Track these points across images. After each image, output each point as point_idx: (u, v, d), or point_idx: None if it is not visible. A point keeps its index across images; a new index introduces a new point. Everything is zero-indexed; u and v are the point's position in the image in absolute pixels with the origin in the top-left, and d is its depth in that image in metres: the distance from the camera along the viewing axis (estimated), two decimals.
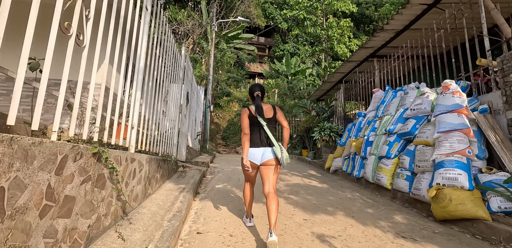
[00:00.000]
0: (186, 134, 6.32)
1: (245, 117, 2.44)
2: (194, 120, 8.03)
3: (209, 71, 11.47)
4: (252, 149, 2.38)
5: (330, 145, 8.08)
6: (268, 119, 2.41)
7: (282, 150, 2.31)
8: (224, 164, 7.87)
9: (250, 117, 2.42)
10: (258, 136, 2.40)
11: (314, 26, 15.28)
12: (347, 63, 8.00)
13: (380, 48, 6.92)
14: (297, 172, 6.23)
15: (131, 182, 2.48)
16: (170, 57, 4.29)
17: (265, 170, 2.36)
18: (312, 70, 21.02)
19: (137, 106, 2.86)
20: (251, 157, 2.37)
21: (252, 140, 2.41)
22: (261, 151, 2.36)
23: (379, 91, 5.34)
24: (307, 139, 8.90)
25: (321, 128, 8.29)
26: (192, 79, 6.84)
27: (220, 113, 20.05)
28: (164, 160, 3.77)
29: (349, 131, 5.64)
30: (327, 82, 9.71)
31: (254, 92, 2.50)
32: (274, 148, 2.32)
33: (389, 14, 25.53)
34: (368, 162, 4.42)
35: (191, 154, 6.91)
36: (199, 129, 9.46)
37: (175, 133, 5.07)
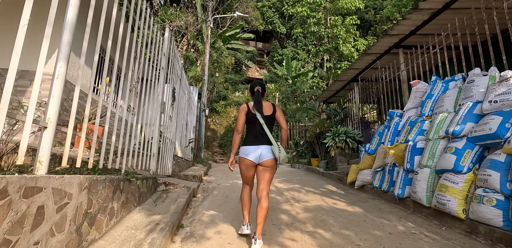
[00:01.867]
0: (173, 140, 5.06)
1: (242, 114, 2.38)
2: (185, 125, 6.77)
3: (204, 72, 10.26)
4: (249, 146, 2.28)
5: (346, 152, 6.85)
6: (266, 116, 2.33)
7: (280, 149, 2.25)
8: (221, 176, 6.58)
9: (248, 115, 2.36)
10: (255, 133, 2.30)
11: (318, 24, 14.24)
12: (365, 57, 6.84)
13: (408, 36, 5.78)
14: (312, 187, 4.97)
15: (31, 234, 1.22)
16: (144, 35, 3.07)
17: (262, 170, 2.27)
18: (315, 72, 19.94)
19: (57, 88, 1.61)
20: (247, 154, 2.27)
21: (248, 137, 2.33)
22: (258, 149, 2.25)
23: (420, 83, 4.15)
24: (318, 145, 7.66)
25: (334, 133, 7.07)
26: (181, 74, 5.61)
27: (217, 119, 18.79)
28: (128, 179, 2.50)
29: (381, 135, 4.42)
30: (338, 80, 8.54)
31: (255, 87, 2.44)
32: (272, 146, 2.25)
33: (391, 16, 24.85)
34: (419, 177, 3.19)
35: (180, 165, 5.63)
36: (192, 136, 8.19)
37: (155, 140, 3.80)
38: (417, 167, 3.32)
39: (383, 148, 4.13)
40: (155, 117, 3.85)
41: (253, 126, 2.33)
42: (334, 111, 7.99)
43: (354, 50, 14.20)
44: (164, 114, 4.14)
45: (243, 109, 2.38)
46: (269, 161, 2.23)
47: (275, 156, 2.22)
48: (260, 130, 2.29)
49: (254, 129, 2.32)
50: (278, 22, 27.49)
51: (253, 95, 2.48)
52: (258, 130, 2.30)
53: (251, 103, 2.40)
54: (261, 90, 2.46)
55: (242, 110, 2.39)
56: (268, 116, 2.34)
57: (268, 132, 2.27)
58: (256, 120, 2.30)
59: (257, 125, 2.30)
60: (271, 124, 2.37)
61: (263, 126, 2.27)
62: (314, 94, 15.60)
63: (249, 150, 2.26)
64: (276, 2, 28.59)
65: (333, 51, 14.36)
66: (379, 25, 28.04)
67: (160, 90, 3.91)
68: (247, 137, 2.34)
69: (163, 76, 3.99)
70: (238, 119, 2.40)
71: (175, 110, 5.23)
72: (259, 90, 2.42)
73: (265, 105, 2.38)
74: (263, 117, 2.30)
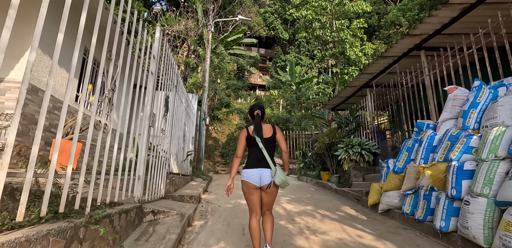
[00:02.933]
0: (167, 156, 4.43)
1: (242, 139, 2.41)
2: (182, 137, 6.15)
3: (205, 78, 9.69)
4: (250, 170, 2.30)
5: (361, 166, 6.15)
6: (266, 139, 2.35)
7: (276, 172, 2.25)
8: (222, 193, 5.91)
9: (248, 139, 2.39)
10: (255, 157, 2.32)
11: (323, 28, 13.66)
12: (380, 60, 6.20)
13: (432, 36, 5.15)
14: (327, 210, 4.28)
15: None
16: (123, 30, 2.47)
17: (263, 194, 2.31)
18: (319, 78, 19.32)
19: None
20: (249, 178, 2.28)
21: (250, 161, 2.35)
22: (259, 172, 2.27)
23: (458, 89, 3.49)
24: (329, 158, 6.97)
25: (347, 144, 6.39)
26: (177, 80, 5.01)
27: (219, 126, 18.17)
28: (96, 221, 1.85)
29: (410, 150, 3.73)
30: (349, 86, 7.89)
31: (254, 111, 2.46)
32: (271, 169, 2.26)
33: (396, 20, 24.30)
34: (472, 208, 2.50)
35: (176, 183, 4.98)
36: (191, 147, 7.56)
37: (141, 159, 3.17)
38: (467, 195, 2.63)
39: (414, 167, 3.44)
40: (142, 132, 3.23)
41: (254, 150, 2.35)
42: (345, 120, 7.31)
43: (361, 54, 13.56)
44: (154, 127, 3.52)
45: (243, 134, 2.42)
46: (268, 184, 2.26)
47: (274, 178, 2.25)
48: (260, 153, 2.31)
49: (254, 153, 2.34)
50: (280, 28, 27.09)
51: (253, 119, 2.47)
52: (259, 153, 2.31)
53: (251, 128, 2.41)
54: (261, 113, 2.44)
55: (242, 134, 2.43)
56: (268, 138, 2.35)
57: (267, 156, 2.29)
58: (257, 144, 2.31)
59: (257, 148, 2.32)
60: (272, 146, 2.39)
61: (262, 150, 2.29)
62: (320, 101, 14.93)
63: (251, 173, 2.28)
64: (278, 8, 28.27)
65: (340, 56, 13.75)
66: (383, 30, 27.52)
67: (148, 100, 3.29)
68: (249, 160, 2.36)
69: (152, 83, 3.38)
70: (238, 143, 2.42)
71: (169, 121, 4.61)
72: (259, 114, 2.42)
73: (265, 128, 2.39)
74: (263, 140, 2.31)
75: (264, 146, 2.29)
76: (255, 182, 2.26)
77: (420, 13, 21.58)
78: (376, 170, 6.16)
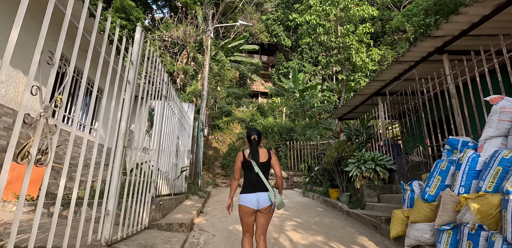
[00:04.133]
0: (154, 178, 3.80)
1: (238, 163, 2.48)
2: (175, 152, 5.53)
3: (203, 86, 9.12)
4: (247, 194, 2.34)
5: (375, 185, 5.46)
6: (262, 163, 2.40)
7: (276, 195, 2.32)
8: (219, 214, 5.26)
9: (244, 163, 2.43)
10: (252, 181, 2.36)
11: (327, 34, 13.11)
12: (395, 66, 5.57)
13: (457, 38, 4.52)
14: (341, 243, 3.59)
15: None
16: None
17: (259, 216, 2.37)
18: (323, 85, 18.70)
19: None
20: (246, 202, 2.32)
21: (246, 185, 2.39)
22: (256, 196, 2.33)
23: (504, 99, 2.84)
24: (338, 174, 6.29)
25: (359, 159, 5.72)
26: (167, 90, 4.42)
27: (220, 136, 17.56)
28: None
29: (444, 173, 3.05)
30: (358, 94, 7.25)
31: (251, 135, 2.50)
32: (269, 193, 2.32)
33: (401, 26, 23.79)
34: None
35: (164, 208, 4.33)
36: (186, 162, 6.93)
37: (113, 190, 2.55)
38: None
39: (452, 196, 2.77)
40: (115, 154, 2.61)
41: (249, 174, 2.40)
42: (355, 132, 6.65)
43: (368, 60, 12.94)
44: (132, 148, 2.91)
45: (239, 158, 2.49)
46: (266, 207, 2.32)
47: (271, 202, 2.30)
48: (256, 177, 2.36)
49: (251, 177, 2.39)
50: (283, 35, 26.71)
51: (250, 143, 2.50)
52: (255, 177, 2.37)
53: (246, 151, 2.47)
54: (257, 138, 2.50)
55: (238, 159, 2.49)
56: (264, 163, 2.42)
57: (264, 179, 2.35)
58: (252, 168, 2.37)
59: (253, 172, 2.37)
60: (267, 169, 2.45)
61: (258, 173, 2.35)
62: (326, 109, 14.26)
63: (248, 197, 2.33)
64: (280, 15, 27.98)
65: (345, 62, 13.14)
66: (387, 36, 27.04)
67: (123, 114, 2.69)
68: (245, 184, 2.41)
69: (129, 94, 2.79)
70: (235, 167, 2.52)
71: (156, 137, 4.00)
72: (255, 139, 2.48)
73: (260, 153, 2.46)
74: (259, 165, 2.38)
75: (260, 170, 2.36)
76: (252, 205, 2.33)
77: (425, 18, 21.06)
78: (393, 189, 5.46)
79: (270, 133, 14.60)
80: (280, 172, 2.49)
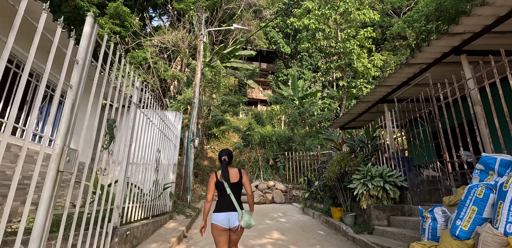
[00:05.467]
0: (117, 203, 3.11)
1: (211, 184, 2.59)
2: (153, 168, 4.84)
3: (195, 93, 8.50)
4: (219, 213, 2.45)
5: (384, 205, 4.74)
6: (233, 184, 2.52)
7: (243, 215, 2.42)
8: (208, 237, 4.55)
9: (217, 183, 2.56)
10: (224, 201, 2.49)
11: (327, 39, 12.56)
12: (404, 69, 4.93)
13: (478, 35, 3.88)
14: None
15: None
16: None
17: (232, 234, 2.50)
18: (323, 92, 18.07)
19: None
20: (218, 221, 2.44)
21: (219, 204, 2.51)
22: (227, 216, 2.44)
23: None
24: (341, 191, 5.58)
25: (365, 175, 5.02)
26: (138, 96, 3.77)
27: (216, 145, 16.85)
28: None
29: (480, 203, 2.34)
30: (362, 102, 6.60)
31: (222, 156, 2.65)
32: (237, 213, 2.44)
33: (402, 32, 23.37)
34: None
35: (135, 237, 3.62)
36: (171, 177, 6.23)
37: (38, 229, 1.87)
38: None
39: (496, 236, 2.08)
40: (45, 183, 1.94)
41: (222, 194, 2.52)
42: (360, 143, 5.96)
43: (370, 65, 12.34)
44: (75, 170, 2.23)
45: (212, 179, 2.58)
46: (235, 227, 2.44)
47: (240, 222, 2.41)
48: (228, 198, 2.48)
49: (223, 197, 2.51)
50: (282, 42, 26.31)
51: (221, 164, 2.63)
52: (227, 198, 2.48)
53: (219, 172, 2.57)
54: (228, 159, 2.64)
55: (211, 180, 2.59)
56: (235, 183, 2.53)
57: (234, 200, 2.46)
58: (224, 188, 2.49)
59: (225, 193, 2.49)
60: (239, 189, 2.56)
61: (230, 195, 2.47)
62: (326, 118, 13.60)
63: (219, 216, 2.45)
64: (279, 22, 27.67)
65: (346, 68, 12.56)
66: (388, 42, 26.65)
67: (59, 129, 2.04)
68: (218, 203, 2.53)
69: (70, 102, 2.14)
70: (208, 188, 2.58)
71: (124, 152, 3.33)
72: (225, 159, 2.62)
73: (232, 173, 2.57)
74: (230, 185, 2.50)
75: (231, 191, 2.47)
76: (224, 224, 2.43)
77: (427, 24, 20.62)
78: (405, 210, 4.74)
79: (268, 142, 13.91)
80: (250, 191, 2.61)
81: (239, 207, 2.45)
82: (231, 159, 2.68)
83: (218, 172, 2.58)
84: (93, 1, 18.17)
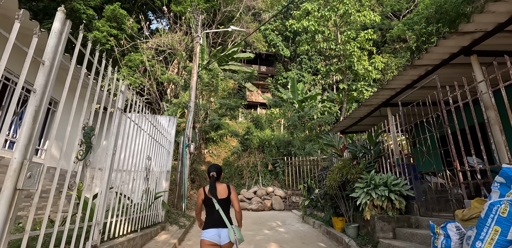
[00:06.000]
0: (98, 219, 2.81)
1: (199, 200, 2.60)
2: (143, 176, 4.54)
3: (190, 97, 8.22)
4: (209, 229, 2.41)
5: (390, 216, 4.44)
6: (221, 200, 2.47)
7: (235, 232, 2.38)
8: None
9: (205, 199, 2.51)
10: (213, 217, 2.44)
11: (327, 41, 12.33)
12: (409, 71, 4.66)
13: (490, 34, 3.62)
14: None
15: None
16: None
17: None
18: (323, 95, 17.80)
19: None
20: (208, 236, 2.39)
21: (208, 220, 2.46)
22: (217, 232, 2.40)
23: None
24: (343, 200, 5.28)
25: (368, 183, 4.72)
26: (122, 100, 3.49)
27: (215, 149, 16.53)
28: None
29: (504, 222, 2.05)
30: (364, 105, 6.32)
31: (210, 172, 2.60)
32: (228, 229, 2.39)
33: (402, 34, 23.18)
34: None
35: None
36: (164, 185, 5.93)
37: None
38: None
39: None
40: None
41: (211, 210, 2.47)
42: (362, 148, 5.66)
43: (371, 68, 12.08)
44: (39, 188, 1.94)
45: (200, 195, 2.56)
46: (227, 244, 2.39)
47: (231, 239, 2.36)
48: (217, 214, 2.42)
49: (212, 213, 2.45)
50: (281, 45, 26.12)
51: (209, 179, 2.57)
52: (216, 214, 2.43)
53: (206, 187, 2.52)
54: (217, 174, 2.59)
55: (199, 195, 2.58)
56: (223, 199, 2.48)
57: (224, 215, 2.42)
58: (213, 204, 2.44)
59: (214, 209, 2.44)
60: (227, 204, 2.52)
61: (219, 210, 2.42)
62: (326, 121, 13.32)
63: (210, 233, 2.39)
64: (279, 25, 27.51)
65: (346, 70, 12.30)
66: (388, 44, 26.47)
67: (18, 140, 1.76)
68: (206, 220, 2.47)
69: (33, 109, 1.85)
70: (197, 204, 2.63)
71: (110, 162, 3.04)
72: (214, 176, 2.56)
73: (220, 189, 2.52)
74: (218, 201, 2.45)
75: (220, 206, 2.44)
76: (215, 240, 2.38)
77: (427, 26, 20.44)
78: (411, 221, 4.44)
79: (267, 147, 13.60)
80: (238, 207, 2.57)
81: (229, 222, 2.42)
82: (220, 175, 2.65)
83: (206, 187, 2.52)
84: (90, 3, 17.99)
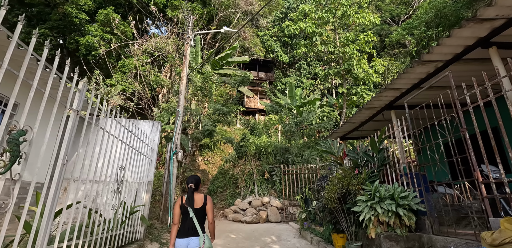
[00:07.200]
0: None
1: (176, 208, 2.65)
2: (114, 189, 3.95)
3: (179, 101, 7.68)
4: (181, 239, 2.50)
5: (397, 234, 3.84)
6: (197, 209, 2.57)
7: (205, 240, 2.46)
8: None
9: (181, 207, 2.61)
10: (187, 225, 2.53)
11: (325, 44, 11.89)
12: (417, 68, 4.13)
13: (510, 24, 3.10)
14: None
15: None
16: None
17: None
18: (322, 100, 17.29)
19: None
20: (178, 246, 2.48)
21: (181, 229, 2.55)
22: (187, 241, 2.48)
23: None
24: (343, 214, 4.68)
25: (372, 195, 4.14)
26: (79, 99, 2.94)
27: (210, 157, 15.94)
28: None
29: None
30: (365, 108, 5.77)
31: (188, 183, 2.69)
32: (199, 237, 2.48)
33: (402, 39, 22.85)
34: None
35: None
36: (144, 198, 5.32)
37: None
38: None
39: None
40: None
41: (185, 218, 2.56)
42: (364, 156, 5.09)
43: (372, 71, 11.59)
44: None
45: (177, 203, 2.65)
46: None
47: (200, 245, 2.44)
48: (190, 222, 2.52)
49: (185, 221, 2.55)
50: (279, 51, 25.79)
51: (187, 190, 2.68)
52: (189, 222, 2.52)
53: (184, 197, 2.62)
54: (195, 186, 2.68)
55: (177, 204, 2.65)
56: (199, 209, 2.58)
57: (197, 224, 2.51)
58: (188, 214, 2.54)
59: (188, 217, 2.54)
60: (203, 215, 2.62)
61: (193, 218, 2.51)
62: (325, 127, 12.77)
63: (180, 242, 2.48)
64: (277, 31, 27.25)
65: (346, 74, 11.82)
66: (388, 49, 26.18)
67: None
68: (180, 229, 2.56)
69: None
70: (174, 212, 2.64)
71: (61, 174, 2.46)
72: (192, 187, 2.66)
73: (197, 199, 2.62)
74: (194, 210, 2.55)
75: (194, 214, 2.53)
76: None
77: (427, 30, 20.11)
78: (423, 241, 3.83)
79: (264, 154, 13.00)
80: (212, 219, 2.66)
81: (202, 231, 2.48)
82: (198, 186, 2.72)
83: (183, 196, 2.62)
84: (83, 8, 17.66)
